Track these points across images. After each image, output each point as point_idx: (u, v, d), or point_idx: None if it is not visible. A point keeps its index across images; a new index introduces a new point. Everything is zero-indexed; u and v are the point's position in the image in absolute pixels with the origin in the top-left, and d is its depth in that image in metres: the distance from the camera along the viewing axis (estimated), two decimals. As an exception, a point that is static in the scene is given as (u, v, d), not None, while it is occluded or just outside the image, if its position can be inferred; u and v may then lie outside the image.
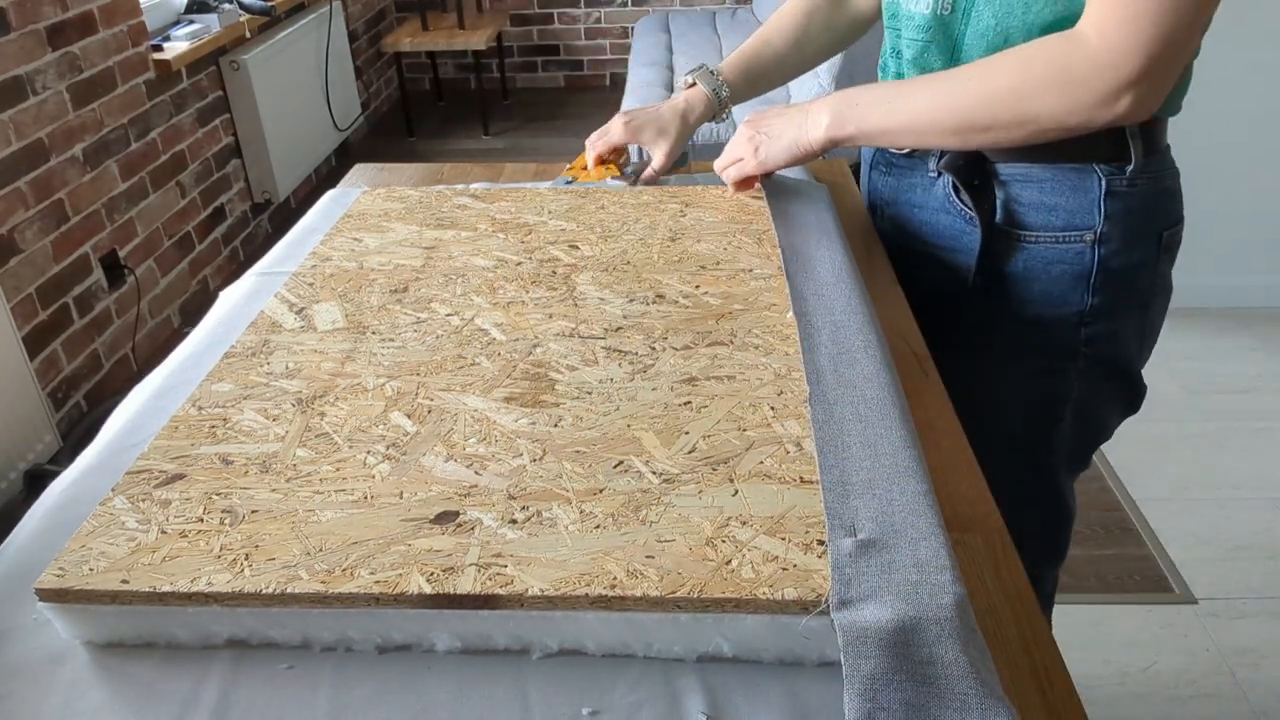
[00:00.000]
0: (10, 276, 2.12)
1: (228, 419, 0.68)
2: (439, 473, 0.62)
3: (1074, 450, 1.02)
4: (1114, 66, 0.72)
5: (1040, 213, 0.88)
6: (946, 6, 0.85)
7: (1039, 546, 1.08)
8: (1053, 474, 1.03)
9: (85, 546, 0.56)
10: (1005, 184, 0.89)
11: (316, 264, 0.91)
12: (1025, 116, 0.78)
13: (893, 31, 0.96)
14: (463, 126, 4.41)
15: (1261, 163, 2.40)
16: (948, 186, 0.92)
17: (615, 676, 0.53)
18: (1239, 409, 2.21)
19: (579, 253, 0.91)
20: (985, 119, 0.79)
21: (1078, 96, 0.74)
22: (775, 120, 0.94)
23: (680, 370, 0.72)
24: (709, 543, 0.55)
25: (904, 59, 0.94)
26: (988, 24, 0.83)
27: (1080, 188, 0.86)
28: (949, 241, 0.94)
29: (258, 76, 3.07)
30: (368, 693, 0.52)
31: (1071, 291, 0.89)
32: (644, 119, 1.09)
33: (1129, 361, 0.96)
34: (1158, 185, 0.88)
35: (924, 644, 0.50)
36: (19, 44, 2.14)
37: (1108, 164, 0.85)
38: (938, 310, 0.95)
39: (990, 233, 0.90)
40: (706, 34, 3.97)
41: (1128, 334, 0.94)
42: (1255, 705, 1.52)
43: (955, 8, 0.85)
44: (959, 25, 0.85)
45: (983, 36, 0.84)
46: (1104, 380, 0.96)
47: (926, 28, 0.88)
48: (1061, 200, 0.87)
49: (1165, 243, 0.90)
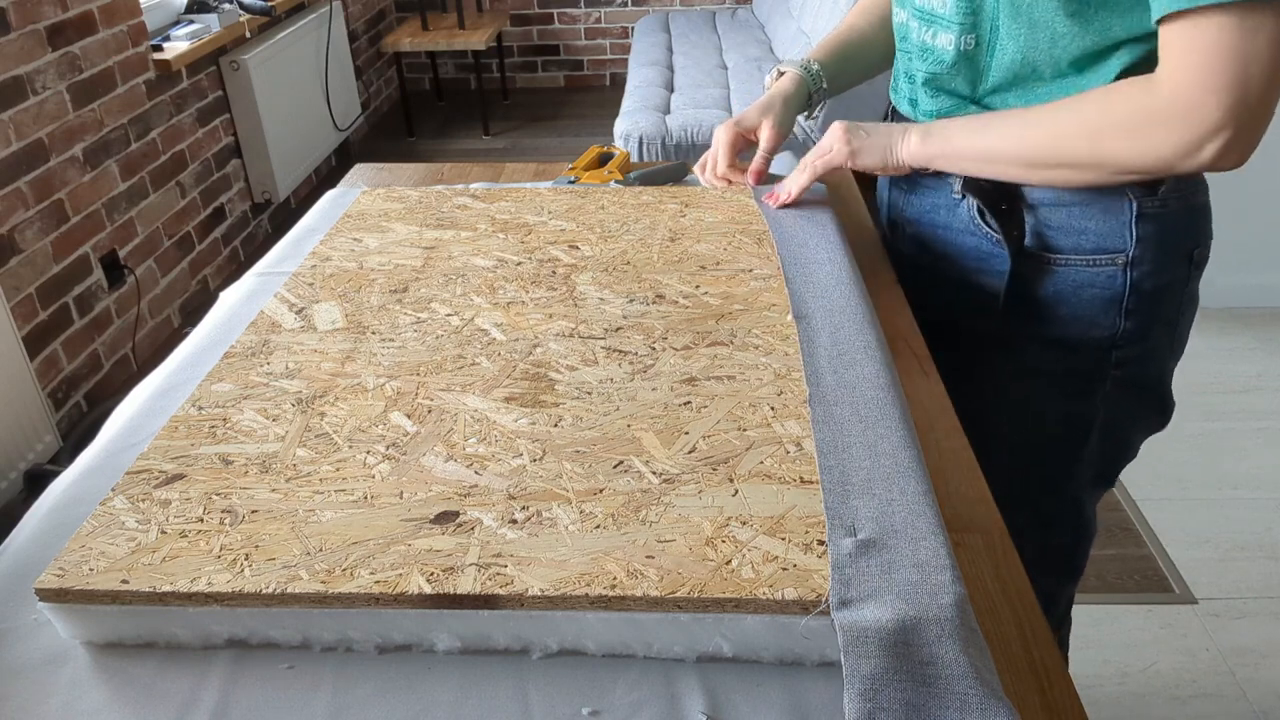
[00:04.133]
0: (10, 276, 2.12)
1: (228, 419, 0.68)
2: (439, 473, 0.62)
3: (1100, 471, 1.00)
4: (1190, 115, 0.70)
5: (1070, 236, 0.86)
6: (970, 42, 0.84)
7: (1060, 563, 1.07)
8: (1077, 493, 1.00)
9: (85, 546, 0.56)
10: (1034, 207, 0.86)
11: (316, 264, 0.91)
12: (1098, 159, 0.77)
13: (904, 54, 0.95)
14: (463, 126, 4.41)
15: (1261, 163, 2.40)
16: (972, 209, 0.90)
17: (615, 676, 0.53)
18: (1239, 409, 2.21)
19: (579, 253, 0.91)
20: (1057, 156, 0.79)
21: (1155, 143, 0.73)
22: (875, 126, 0.93)
23: (680, 370, 0.72)
24: (709, 543, 0.55)
25: (917, 82, 0.93)
26: (1013, 58, 0.82)
27: (1111, 210, 0.83)
28: (975, 264, 0.92)
29: (258, 76, 3.07)
30: (368, 693, 0.52)
31: (1103, 315, 0.87)
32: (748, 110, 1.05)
33: (1159, 379, 0.94)
34: (1188, 203, 0.85)
35: (924, 644, 0.50)
36: (19, 44, 2.14)
37: (1139, 186, 0.83)
38: (962, 332, 0.94)
39: (1019, 256, 0.87)
40: (706, 34, 3.97)
41: (1160, 352, 0.92)
42: (1255, 705, 1.52)
43: (980, 42, 0.84)
44: (984, 58, 0.85)
45: (1009, 69, 0.83)
46: (1134, 400, 0.93)
47: (951, 62, 0.87)
48: (1092, 224, 0.84)
49: (1196, 260, 0.88)
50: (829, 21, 2.88)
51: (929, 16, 0.88)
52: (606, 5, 4.69)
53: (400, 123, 4.39)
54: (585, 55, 4.83)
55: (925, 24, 0.88)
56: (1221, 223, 2.74)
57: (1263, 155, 2.54)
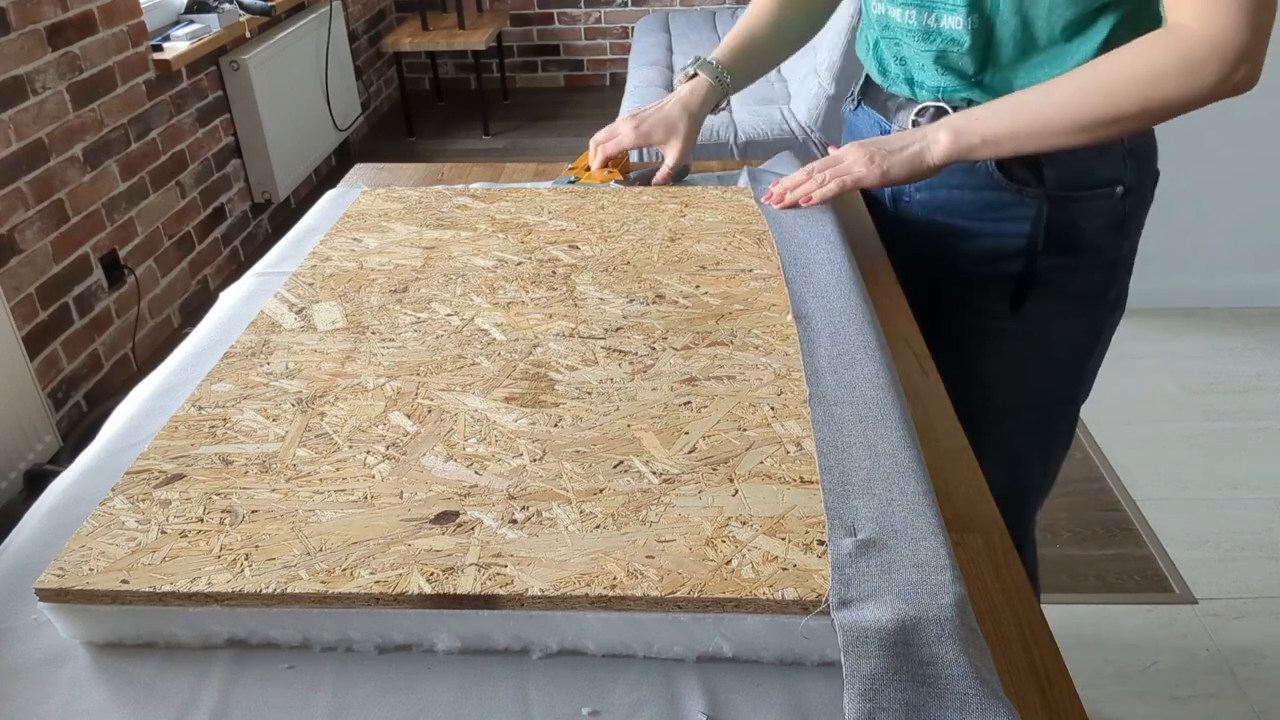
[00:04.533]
0: (10, 276, 2.12)
1: (228, 419, 0.68)
2: (439, 473, 0.62)
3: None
4: (1226, 46, 0.78)
5: (1079, 175, 0.95)
6: (976, 21, 0.90)
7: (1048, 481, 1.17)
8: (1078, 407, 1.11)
9: (85, 546, 0.56)
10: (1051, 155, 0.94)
11: (316, 264, 0.91)
12: (1151, 105, 0.82)
13: (889, 41, 0.99)
14: (463, 126, 4.41)
15: (1262, 163, 2.40)
16: (991, 165, 0.96)
17: (615, 676, 0.53)
18: (1239, 409, 2.20)
19: (579, 253, 0.91)
20: (1112, 113, 0.84)
21: (1201, 79, 0.80)
22: (892, 139, 0.94)
23: (680, 370, 0.72)
24: (709, 543, 0.55)
25: (916, 64, 0.97)
26: (1015, 31, 0.89)
27: (1107, 148, 0.93)
28: (996, 214, 0.98)
29: (258, 76, 3.07)
30: (368, 693, 0.52)
31: (1110, 239, 0.98)
32: (652, 120, 1.10)
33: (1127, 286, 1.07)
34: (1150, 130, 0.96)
35: (924, 644, 0.50)
36: (19, 44, 2.14)
37: None
38: (975, 287, 1.02)
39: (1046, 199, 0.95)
40: (706, 34, 3.96)
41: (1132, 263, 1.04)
42: (1255, 705, 1.52)
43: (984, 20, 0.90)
44: (994, 34, 0.90)
45: (1014, 43, 0.90)
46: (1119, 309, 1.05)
47: (968, 44, 0.91)
48: (1094, 162, 0.94)
49: (1155, 178, 1.00)
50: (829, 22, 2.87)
51: (926, 2, 0.93)
52: (606, 5, 4.69)
53: (400, 123, 4.38)
54: (585, 55, 4.83)
55: (924, 9, 0.93)
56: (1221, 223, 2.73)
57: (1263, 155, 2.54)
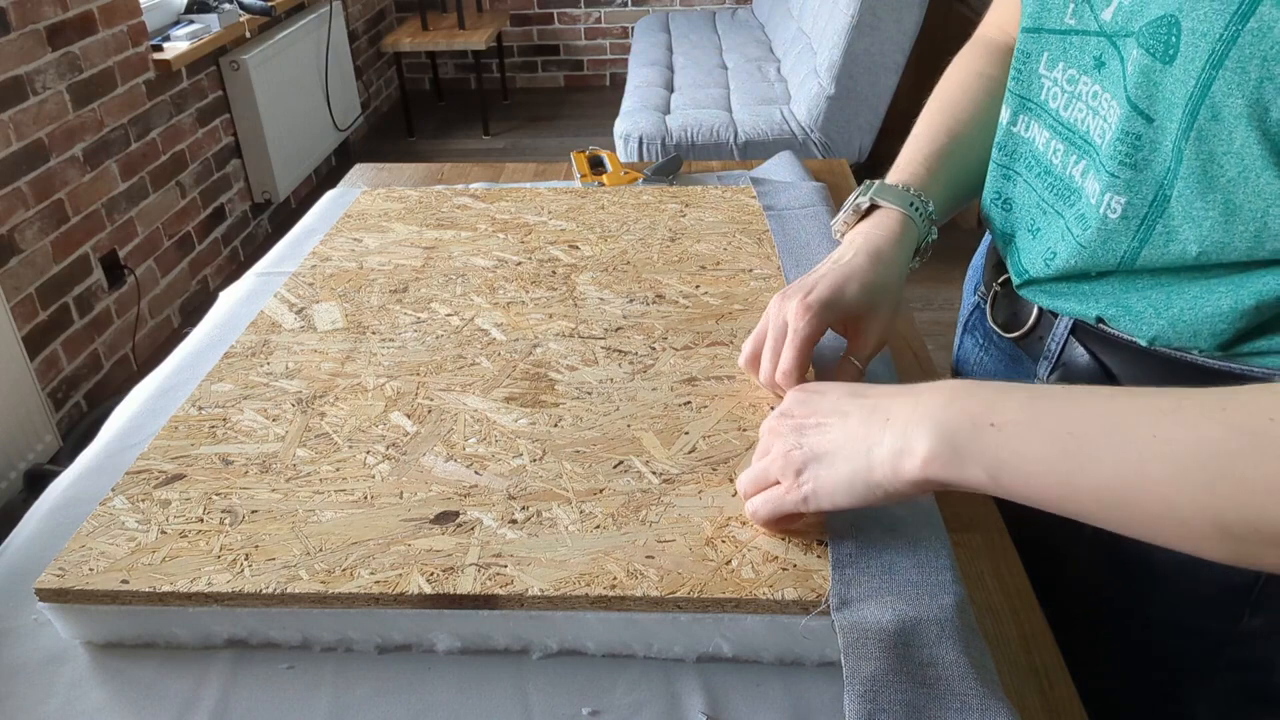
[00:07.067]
0: (10, 276, 2.12)
1: (228, 419, 0.68)
2: (439, 473, 0.62)
3: None
4: None
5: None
6: (1118, 207, 0.56)
7: None
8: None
9: (85, 546, 0.56)
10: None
11: (316, 264, 0.91)
12: None
13: (1001, 168, 0.70)
14: (463, 126, 4.41)
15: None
16: None
17: (615, 676, 0.53)
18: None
19: (579, 253, 0.91)
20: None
21: None
22: (832, 424, 0.54)
23: (680, 370, 0.72)
24: (709, 543, 0.55)
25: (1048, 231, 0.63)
26: (1184, 250, 0.54)
27: None
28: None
29: (258, 76, 3.07)
30: (368, 693, 0.52)
31: (1217, 601, 0.60)
32: (828, 291, 0.65)
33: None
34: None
35: (924, 644, 0.50)
36: (19, 44, 2.14)
37: None
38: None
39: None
40: (706, 34, 3.97)
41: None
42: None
43: (1131, 213, 0.56)
44: (1135, 238, 0.56)
45: (1173, 260, 0.55)
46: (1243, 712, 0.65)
47: (1096, 227, 0.58)
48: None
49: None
50: (829, 22, 2.86)
51: (1071, 136, 0.60)
52: (606, 5, 4.69)
53: (400, 123, 4.39)
54: (585, 55, 4.84)
55: (1069, 145, 0.61)
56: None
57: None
